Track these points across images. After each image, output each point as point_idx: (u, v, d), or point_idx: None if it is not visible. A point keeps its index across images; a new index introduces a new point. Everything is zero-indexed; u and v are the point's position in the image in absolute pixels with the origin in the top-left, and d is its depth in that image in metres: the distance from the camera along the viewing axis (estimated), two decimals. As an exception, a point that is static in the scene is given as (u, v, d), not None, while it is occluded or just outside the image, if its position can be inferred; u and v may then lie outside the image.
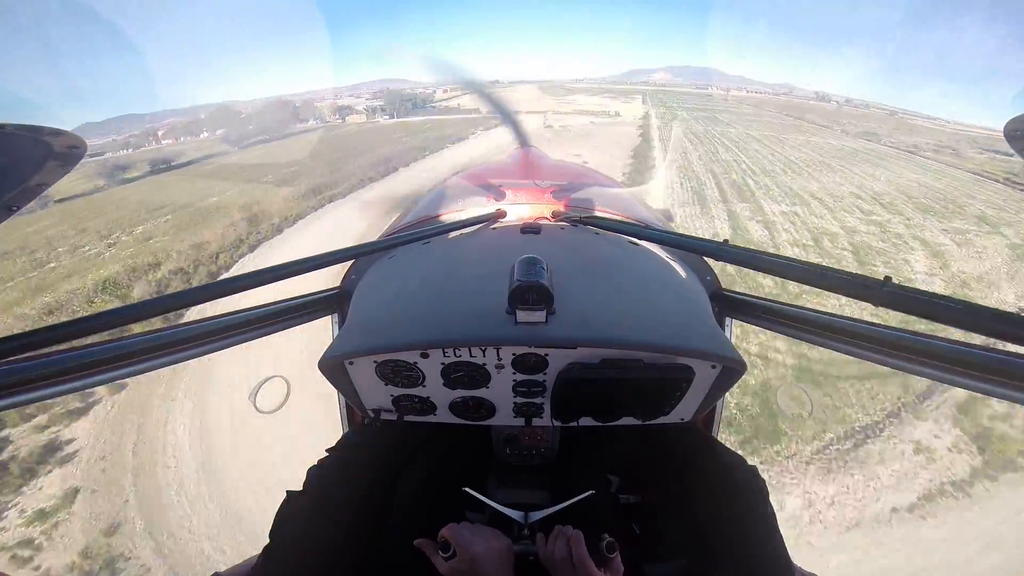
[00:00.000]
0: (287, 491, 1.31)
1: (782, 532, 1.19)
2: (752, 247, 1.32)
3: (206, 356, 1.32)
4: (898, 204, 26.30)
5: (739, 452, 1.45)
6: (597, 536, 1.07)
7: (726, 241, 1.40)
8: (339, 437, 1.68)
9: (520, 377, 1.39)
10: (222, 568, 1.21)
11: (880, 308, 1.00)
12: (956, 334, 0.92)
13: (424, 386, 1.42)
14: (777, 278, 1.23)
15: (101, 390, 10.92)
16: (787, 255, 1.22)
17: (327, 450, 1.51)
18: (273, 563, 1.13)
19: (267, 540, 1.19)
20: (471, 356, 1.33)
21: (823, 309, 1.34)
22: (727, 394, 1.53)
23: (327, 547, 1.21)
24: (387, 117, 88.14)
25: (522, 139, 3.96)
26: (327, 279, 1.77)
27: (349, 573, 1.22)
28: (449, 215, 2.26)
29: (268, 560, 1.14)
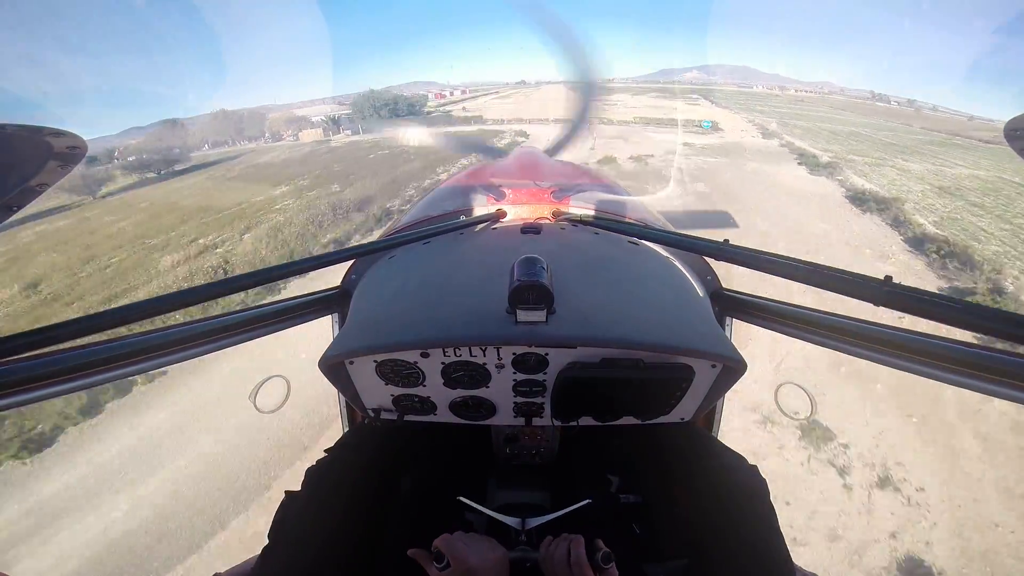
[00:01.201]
0: (286, 491, 1.31)
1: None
2: (752, 247, 1.32)
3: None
4: None
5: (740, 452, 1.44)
6: (595, 544, 1.07)
7: (726, 241, 1.40)
8: (339, 437, 1.68)
9: (520, 376, 1.39)
10: (222, 569, 1.21)
11: (880, 308, 0.99)
12: (956, 334, 0.91)
13: (424, 386, 1.42)
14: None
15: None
16: (787, 255, 1.22)
17: (325, 450, 1.51)
18: (270, 564, 1.14)
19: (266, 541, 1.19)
20: (471, 356, 1.33)
21: (823, 309, 1.34)
22: (726, 394, 1.52)
23: (324, 549, 1.21)
24: (349, 132, 64.54)
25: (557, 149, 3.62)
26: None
27: (346, 575, 1.22)
28: (449, 215, 2.26)
29: (266, 561, 1.14)
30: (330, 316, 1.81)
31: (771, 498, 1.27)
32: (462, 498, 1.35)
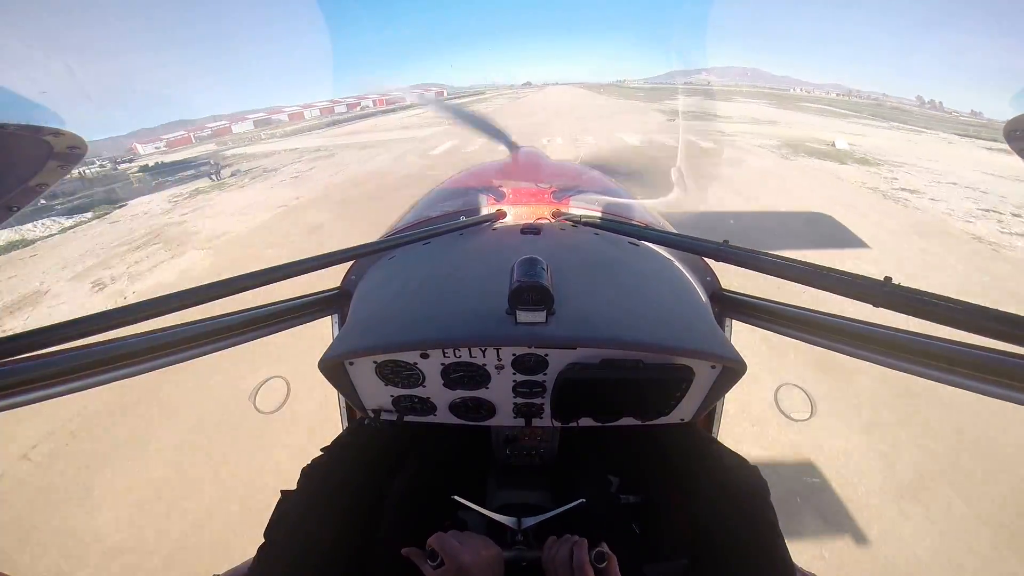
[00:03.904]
0: (282, 490, 1.31)
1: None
2: (752, 247, 1.32)
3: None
4: None
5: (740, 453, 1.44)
6: (593, 544, 1.07)
7: (726, 241, 1.40)
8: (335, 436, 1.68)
9: (520, 377, 1.39)
10: (221, 570, 1.21)
11: (880, 308, 0.99)
12: (956, 334, 0.91)
13: (424, 386, 1.42)
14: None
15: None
16: (787, 255, 1.22)
17: (321, 449, 1.51)
18: (266, 564, 1.14)
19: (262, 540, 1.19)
20: (471, 356, 1.33)
21: (823, 309, 1.34)
22: (726, 395, 1.53)
23: (318, 548, 1.21)
24: None
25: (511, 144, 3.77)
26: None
27: (340, 574, 1.22)
28: (449, 215, 2.26)
29: (261, 561, 1.14)
30: (330, 316, 1.81)
31: (771, 499, 1.27)
32: (457, 497, 1.34)
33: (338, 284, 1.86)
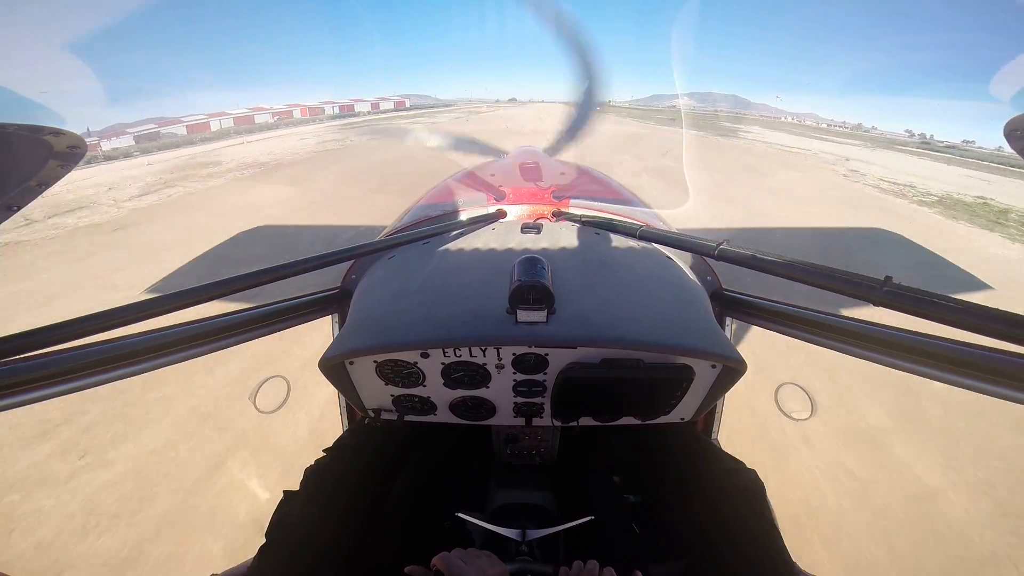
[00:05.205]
0: (284, 491, 1.31)
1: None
2: (752, 247, 1.32)
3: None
4: None
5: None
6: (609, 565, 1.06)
7: (726, 241, 1.40)
8: (338, 437, 1.68)
9: (520, 377, 1.39)
10: (219, 570, 1.21)
11: (880, 308, 0.99)
12: (956, 333, 0.91)
13: (424, 386, 1.42)
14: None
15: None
16: (787, 255, 1.22)
17: (324, 450, 1.51)
18: (266, 564, 1.14)
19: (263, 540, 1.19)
20: (471, 356, 1.33)
21: (824, 309, 1.34)
22: (726, 394, 1.53)
23: (321, 550, 1.21)
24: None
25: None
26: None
27: (339, 575, 1.22)
28: (449, 215, 2.26)
29: (261, 561, 1.14)
30: (330, 316, 1.81)
31: (768, 498, 1.27)
32: (461, 515, 1.34)
33: (338, 284, 1.86)
